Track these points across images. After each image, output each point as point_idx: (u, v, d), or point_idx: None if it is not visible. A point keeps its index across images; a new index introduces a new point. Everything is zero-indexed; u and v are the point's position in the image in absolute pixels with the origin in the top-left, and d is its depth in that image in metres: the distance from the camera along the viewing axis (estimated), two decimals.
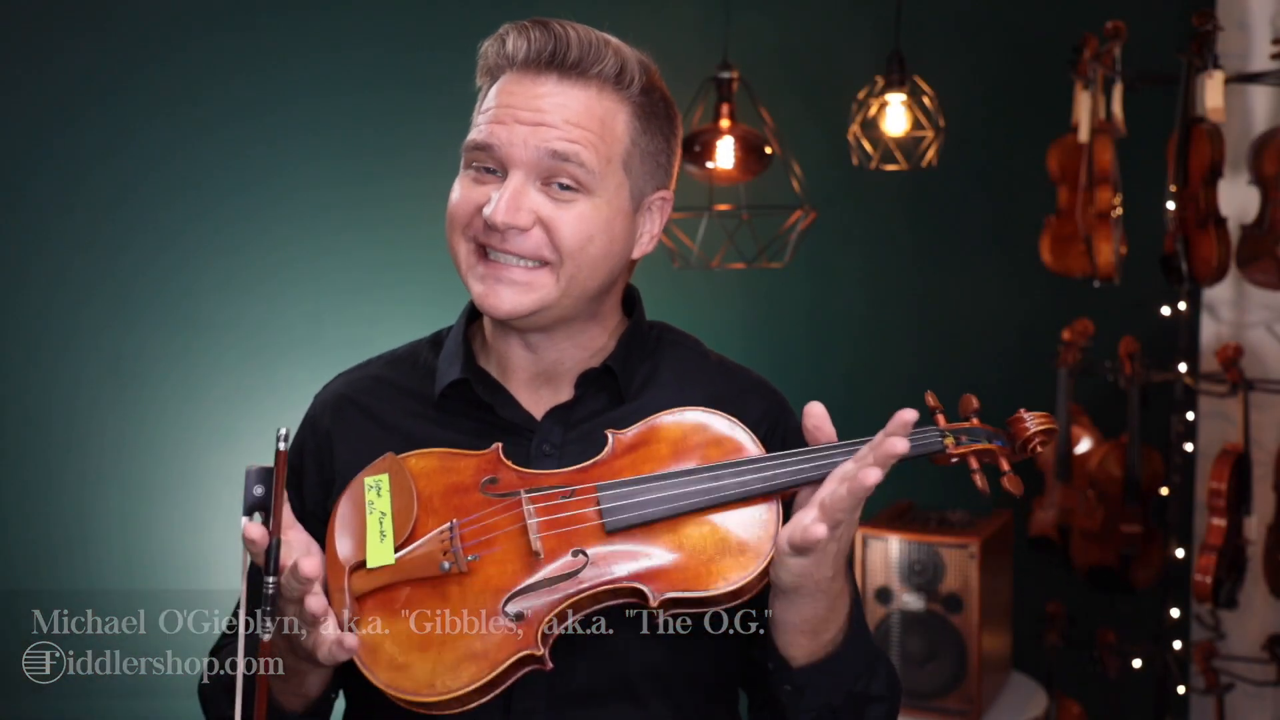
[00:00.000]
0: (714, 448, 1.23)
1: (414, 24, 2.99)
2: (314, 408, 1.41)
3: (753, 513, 1.20)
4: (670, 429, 1.25)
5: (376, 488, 1.22)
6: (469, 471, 1.24)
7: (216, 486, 2.91)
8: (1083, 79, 3.01)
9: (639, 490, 1.20)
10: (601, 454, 1.24)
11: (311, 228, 2.98)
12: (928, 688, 2.88)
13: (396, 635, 1.17)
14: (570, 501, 1.21)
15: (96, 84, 2.82)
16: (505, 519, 1.21)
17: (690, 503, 1.19)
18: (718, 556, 1.18)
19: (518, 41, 1.25)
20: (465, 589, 1.18)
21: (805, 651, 1.21)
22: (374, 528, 1.20)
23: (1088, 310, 3.22)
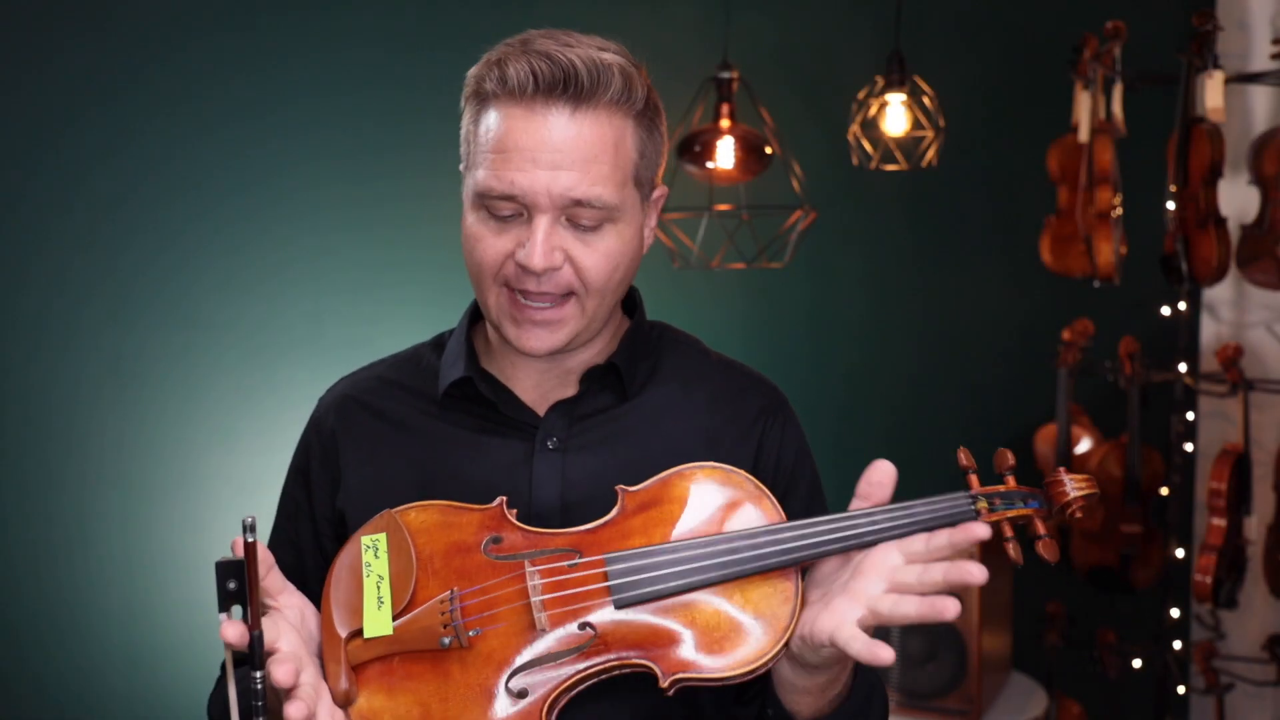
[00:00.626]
0: (729, 509, 1.17)
1: (414, 24, 2.99)
2: (318, 410, 1.41)
3: (771, 587, 1.14)
4: (683, 487, 1.19)
5: (374, 548, 1.17)
6: (471, 529, 1.18)
7: (217, 487, 2.91)
8: (1083, 79, 3.01)
9: (650, 563, 1.14)
10: (611, 514, 1.18)
11: (311, 228, 2.98)
12: (928, 688, 2.88)
13: (395, 710, 1.13)
14: (577, 574, 1.15)
15: (96, 84, 2.82)
16: (509, 592, 1.15)
17: (704, 577, 1.13)
18: (732, 635, 1.12)
19: (522, 73, 1.19)
20: (466, 663, 1.14)
21: (811, 709, 1.21)
22: (371, 593, 1.15)
23: (1088, 310, 3.22)
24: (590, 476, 1.27)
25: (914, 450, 3.54)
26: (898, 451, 3.75)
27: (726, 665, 1.11)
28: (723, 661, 1.11)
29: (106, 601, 2.89)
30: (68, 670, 2.87)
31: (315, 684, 1.10)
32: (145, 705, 2.91)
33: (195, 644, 2.90)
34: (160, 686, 2.91)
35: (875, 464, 1.16)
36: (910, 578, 1.10)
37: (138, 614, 2.90)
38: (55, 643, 2.86)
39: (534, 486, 1.27)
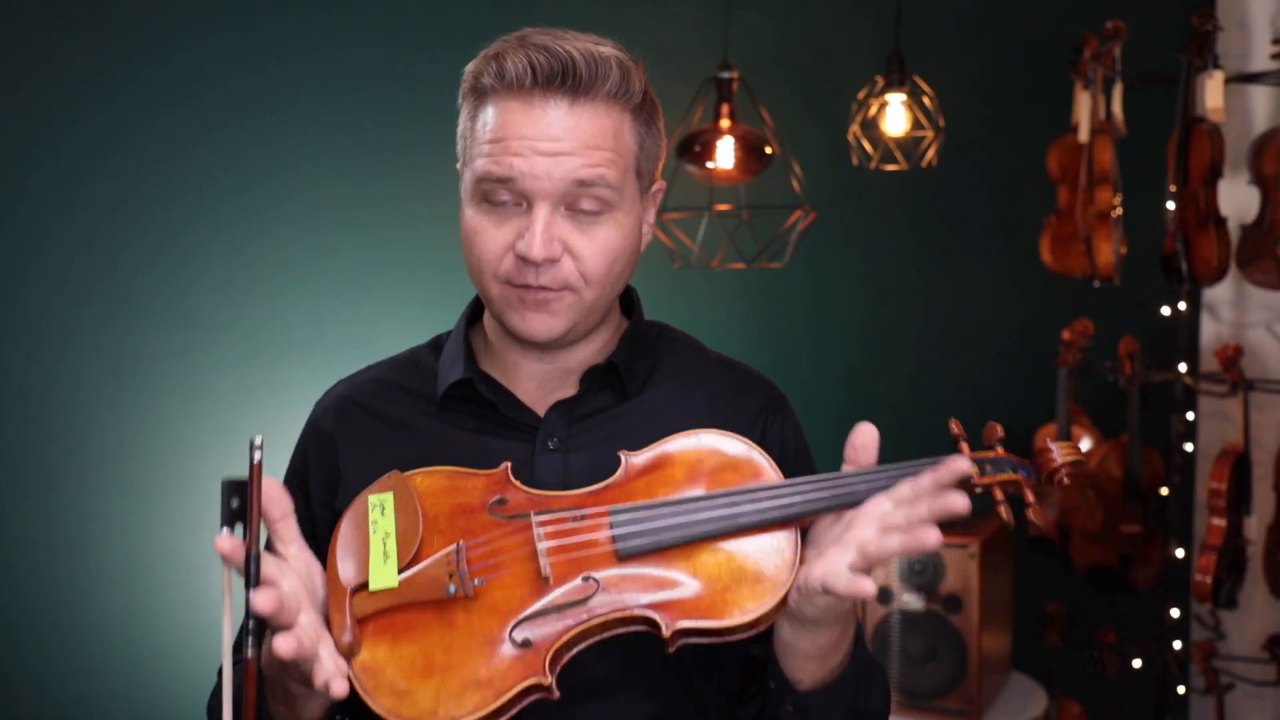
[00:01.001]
0: (730, 472, 1.19)
1: (414, 24, 2.99)
2: (316, 412, 1.41)
3: (771, 541, 1.16)
4: (685, 453, 1.21)
5: (380, 506, 1.18)
6: (477, 492, 1.20)
7: (217, 486, 2.91)
8: (1083, 79, 3.01)
9: (653, 515, 1.16)
10: (614, 476, 1.20)
11: (311, 228, 2.98)
12: (928, 688, 2.88)
13: (399, 661, 1.13)
14: (581, 525, 1.17)
15: (96, 84, 2.82)
16: (514, 542, 1.17)
17: (706, 529, 1.15)
18: (734, 586, 1.14)
19: (520, 65, 1.20)
20: (471, 614, 1.14)
21: (813, 676, 1.21)
22: (377, 548, 1.16)
23: (1088, 310, 3.22)
24: (591, 476, 1.26)
25: (914, 450, 3.54)
26: (898, 451, 3.75)
27: (729, 615, 1.13)
28: (725, 610, 1.13)
29: (106, 601, 2.89)
30: (68, 670, 2.87)
31: (315, 627, 1.10)
32: (145, 705, 2.91)
33: (195, 644, 2.90)
34: (160, 686, 2.91)
35: (858, 427, 1.19)
36: (899, 519, 1.12)
37: (138, 614, 2.90)
38: (55, 643, 2.86)
39: (535, 486, 1.27)
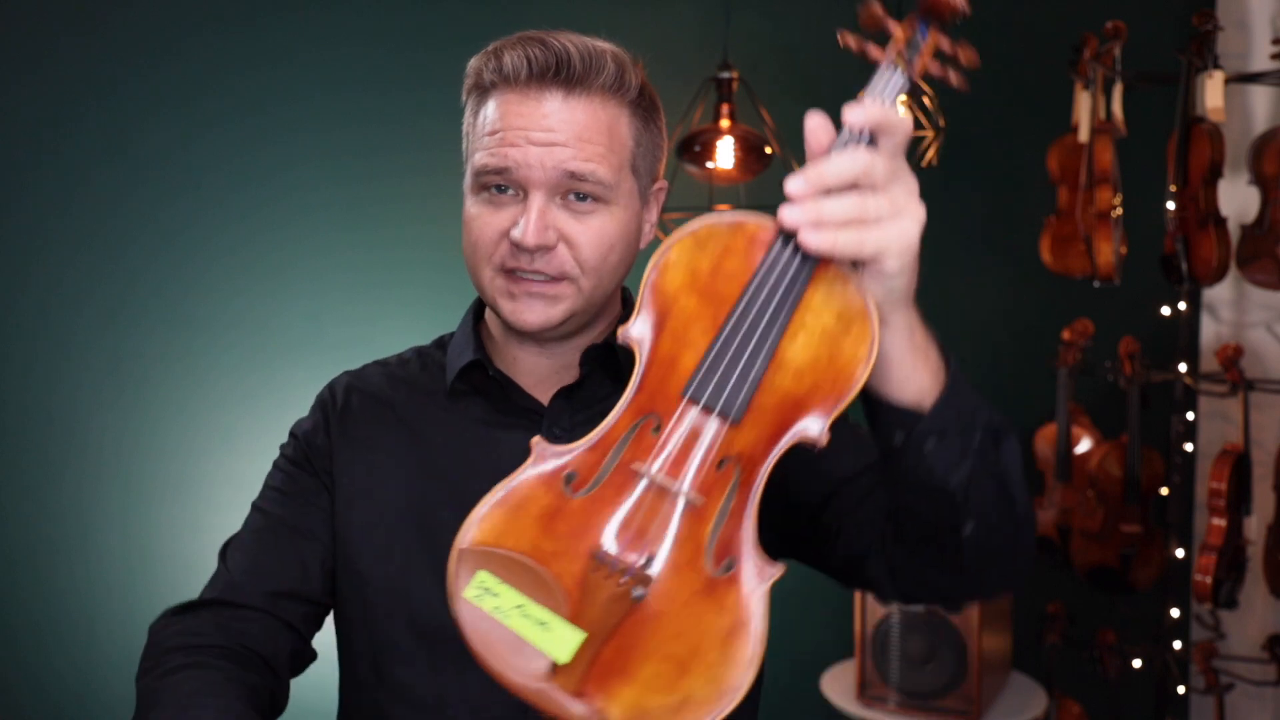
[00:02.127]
0: (730, 257, 1.06)
1: (414, 24, 2.99)
2: (325, 394, 1.41)
3: (824, 288, 1.04)
4: (671, 285, 1.06)
5: (486, 590, 1.02)
6: (540, 493, 1.05)
7: (217, 486, 2.91)
8: (1083, 79, 3.01)
9: (718, 365, 1.03)
10: (638, 369, 1.06)
11: (311, 228, 2.98)
12: (928, 688, 2.88)
13: (650, 684, 1.02)
14: (670, 430, 1.04)
15: (96, 84, 2.82)
16: (633, 504, 1.04)
17: (773, 332, 1.03)
18: (837, 350, 1.04)
19: (517, 60, 1.23)
20: (665, 593, 1.03)
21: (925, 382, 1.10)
22: (528, 625, 1.01)
23: (1088, 310, 3.22)
24: None
25: None
26: None
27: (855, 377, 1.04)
28: (848, 376, 1.04)
29: (106, 601, 2.89)
30: (68, 670, 2.87)
31: None
32: None
33: None
34: None
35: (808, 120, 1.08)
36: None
37: (138, 614, 2.89)
38: (55, 643, 2.86)
39: None
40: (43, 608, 2.86)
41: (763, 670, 1.42)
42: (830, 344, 1.04)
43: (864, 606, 2.94)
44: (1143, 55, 3.11)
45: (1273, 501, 3.07)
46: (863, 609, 2.94)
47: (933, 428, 1.08)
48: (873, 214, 0.98)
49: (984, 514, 1.10)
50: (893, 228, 1.00)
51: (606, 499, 1.04)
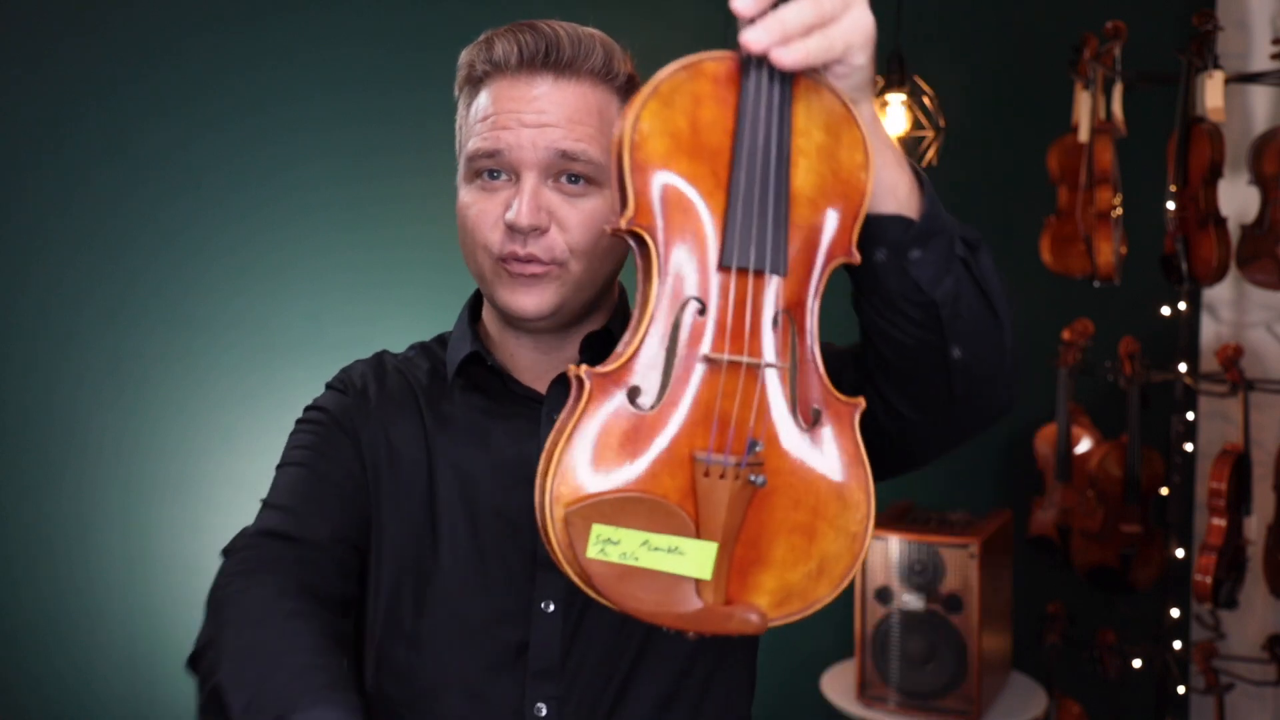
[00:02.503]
0: (706, 105, 0.98)
1: (415, 24, 2.99)
2: (343, 376, 1.42)
3: (804, 105, 0.99)
4: (658, 146, 0.98)
5: (607, 541, 0.97)
6: (609, 418, 0.98)
7: (216, 487, 2.91)
8: (1083, 79, 3.01)
9: (745, 224, 0.98)
10: (658, 252, 0.99)
11: (311, 228, 2.98)
12: (928, 688, 2.88)
13: (786, 562, 1.00)
14: (722, 306, 0.99)
15: (96, 84, 2.82)
16: (713, 389, 0.99)
17: (782, 169, 0.99)
18: (837, 166, 1.00)
19: (507, 46, 1.24)
20: (777, 469, 1.00)
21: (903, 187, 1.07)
22: (661, 558, 0.97)
23: (1088, 310, 3.22)
24: None
25: None
26: None
27: (864, 187, 1.01)
28: (860, 184, 1.01)
29: (106, 601, 2.89)
30: (68, 670, 2.87)
31: None
32: (145, 705, 2.91)
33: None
34: (160, 686, 2.91)
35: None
36: None
37: (138, 614, 2.90)
38: (55, 643, 2.86)
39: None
40: (43, 608, 2.86)
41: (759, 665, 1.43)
42: (830, 160, 1.01)
43: (864, 606, 2.94)
44: (1143, 55, 3.11)
45: (1273, 501, 3.07)
46: (863, 609, 2.95)
47: (915, 237, 1.06)
48: (829, 11, 0.96)
49: (970, 331, 1.09)
50: (851, 18, 0.97)
51: (683, 398, 0.98)
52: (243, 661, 1.07)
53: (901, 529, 2.93)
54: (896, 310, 1.09)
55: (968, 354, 1.10)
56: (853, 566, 1.02)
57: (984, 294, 1.11)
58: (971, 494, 3.40)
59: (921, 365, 1.11)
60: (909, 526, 2.96)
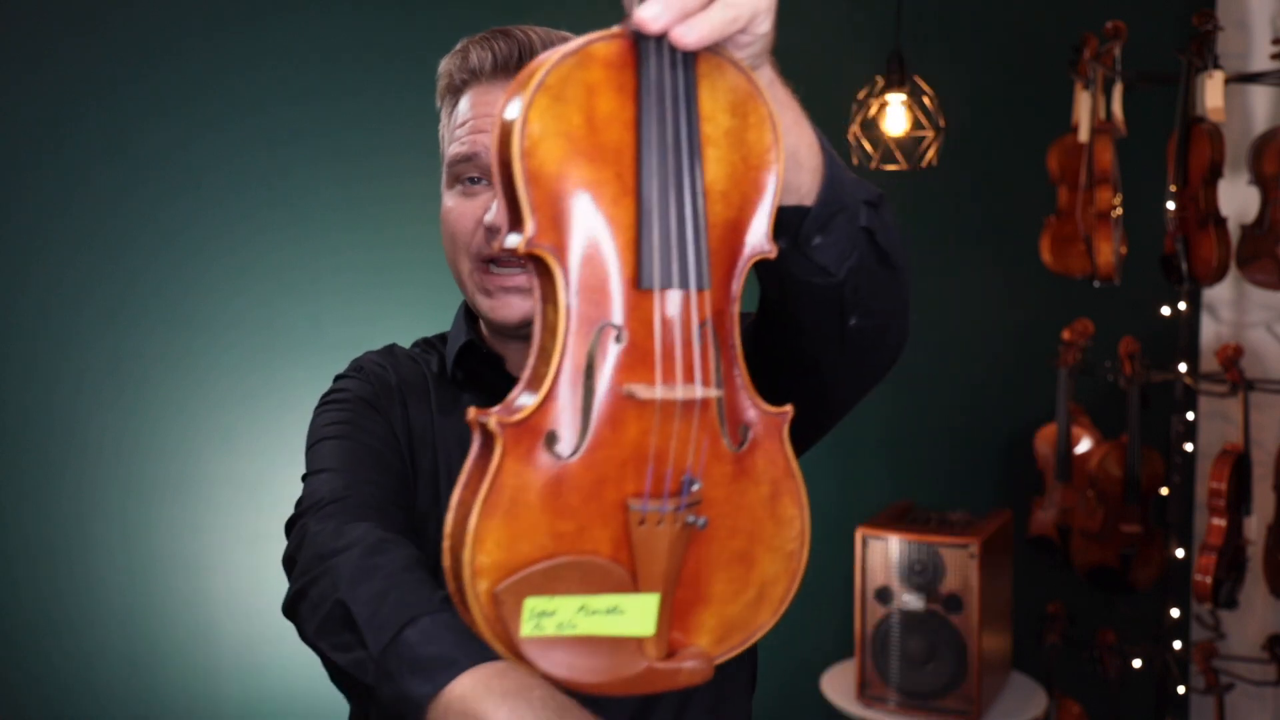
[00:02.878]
0: (601, 96, 0.86)
1: (414, 25, 2.99)
2: (355, 362, 1.43)
3: (707, 86, 0.88)
4: (552, 150, 0.85)
5: (541, 614, 0.87)
6: (524, 472, 0.86)
7: (217, 487, 2.91)
8: (1083, 79, 3.01)
9: (663, 234, 0.86)
10: (565, 276, 0.86)
11: (312, 228, 2.98)
12: (928, 688, 2.88)
13: (727, 595, 0.92)
14: (644, 332, 0.88)
15: (96, 84, 2.82)
16: (644, 427, 0.88)
17: (695, 166, 0.87)
18: (747, 152, 0.90)
19: (482, 54, 1.27)
20: (713, 500, 0.91)
21: (804, 153, 1.00)
22: (600, 622, 0.88)
23: (1088, 310, 3.22)
24: None
25: (914, 450, 3.54)
26: (898, 452, 3.77)
27: (766, 164, 0.90)
28: (763, 167, 0.90)
29: (106, 601, 2.89)
30: (67, 670, 2.87)
31: None
32: (145, 705, 2.91)
33: (195, 644, 2.90)
34: (160, 686, 2.91)
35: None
36: None
37: (138, 614, 2.90)
38: (55, 643, 2.86)
39: None
40: (43, 608, 2.85)
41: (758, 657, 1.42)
42: (738, 145, 0.90)
43: (864, 606, 2.94)
44: (1143, 55, 3.11)
45: (1273, 501, 3.07)
46: (863, 609, 2.95)
47: (818, 222, 1.00)
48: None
49: (869, 297, 1.05)
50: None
51: (610, 440, 0.87)
52: (361, 580, 1.06)
53: (901, 529, 2.93)
54: (798, 294, 1.04)
55: (864, 319, 1.06)
56: (791, 588, 0.94)
57: (885, 259, 1.04)
58: (971, 494, 3.40)
59: (819, 336, 1.08)
60: (909, 526, 2.96)
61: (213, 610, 2.89)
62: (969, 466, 3.53)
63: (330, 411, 1.36)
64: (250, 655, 2.89)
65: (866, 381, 1.19)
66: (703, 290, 0.88)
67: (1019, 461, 3.41)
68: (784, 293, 1.05)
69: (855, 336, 1.07)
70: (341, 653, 1.06)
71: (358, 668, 1.04)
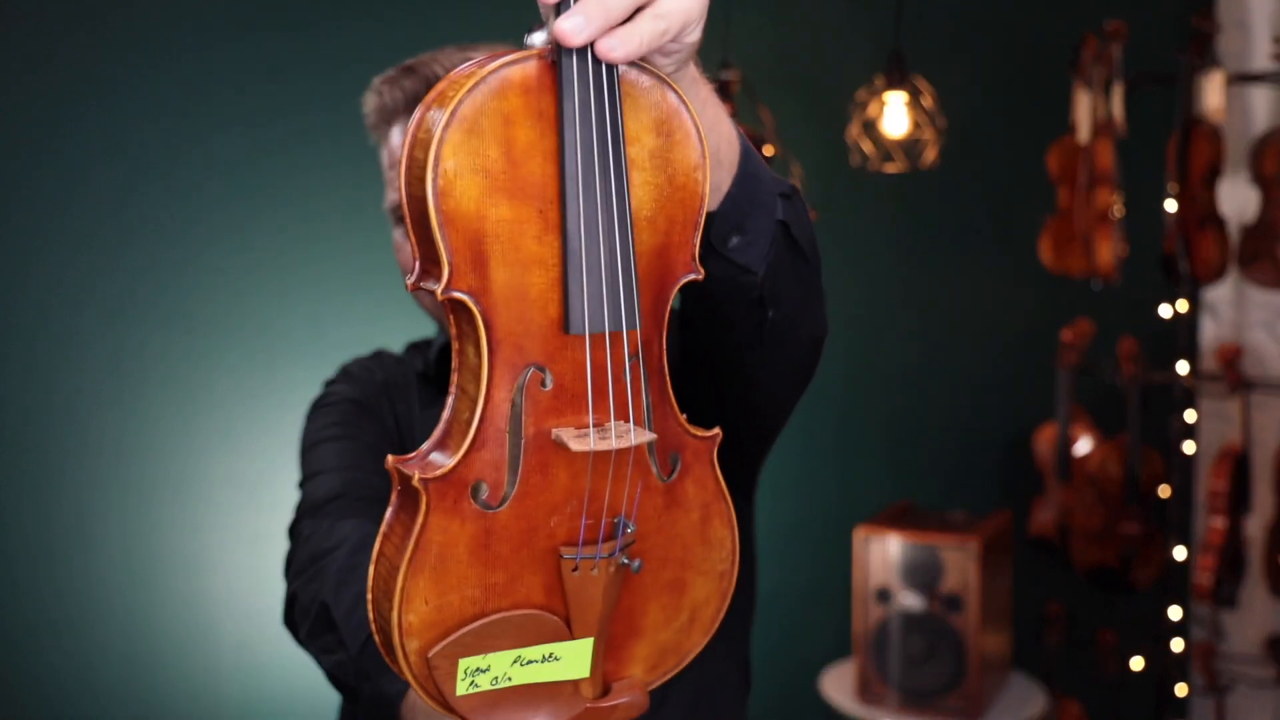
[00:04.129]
0: (519, 126, 0.79)
1: (414, 26, 2.99)
2: (343, 367, 1.47)
3: (630, 104, 0.82)
4: (468, 190, 0.78)
5: (476, 671, 0.84)
6: (451, 526, 0.82)
7: (217, 487, 2.91)
8: (1083, 79, 3.01)
9: (591, 275, 0.81)
10: (483, 322, 0.80)
11: (312, 228, 2.98)
12: (928, 688, 2.88)
13: (659, 623, 0.91)
14: (572, 377, 0.83)
15: (96, 85, 2.82)
16: (576, 473, 0.84)
17: (622, 198, 0.81)
18: (673, 172, 0.84)
19: (394, 93, 1.30)
20: (645, 535, 0.88)
21: (724, 150, 0.96)
22: (536, 671, 0.86)
23: (1088, 310, 3.22)
24: None
25: (914, 451, 3.54)
26: (897, 452, 3.77)
27: (692, 185, 0.85)
28: (690, 188, 0.85)
29: (107, 602, 2.89)
30: (67, 670, 2.87)
31: None
32: (145, 705, 2.91)
33: (195, 644, 2.90)
34: (160, 686, 2.91)
35: None
36: None
37: (138, 614, 2.90)
38: (55, 643, 2.86)
39: None
40: (43, 608, 2.86)
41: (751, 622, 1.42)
42: (664, 166, 0.84)
43: (864, 606, 2.94)
44: (1143, 55, 3.11)
45: (1273, 501, 3.07)
46: (863, 609, 2.95)
47: (733, 223, 0.96)
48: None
49: (787, 289, 1.03)
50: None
51: (539, 486, 0.83)
52: (345, 581, 1.08)
53: (901, 529, 2.93)
54: (717, 295, 1.01)
55: (781, 311, 1.04)
56: (722, 606, 0.93)
57: (800, 249, 1.02)
58: (971, 494, 3.40)
59: (738, 334, 1.06)
60: (909, 526, 2.96)
61: (213, 610, 2.88)
62: (969, 466, 3.53)
63: (323, 415, 1.38)
64: (250, 655, 2.89)
65: (795, 381, 1.16)
66: (633, 330, 0.83)
67: (1019, 461, 3.41)
68: (702, 295, 1.00)
69: (774, 331, 1.05)
70: (327, 655, 1.07)
71: (340, 670, 1.05)
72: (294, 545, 1.23)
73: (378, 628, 0.84)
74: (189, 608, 2.89)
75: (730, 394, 1.14)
